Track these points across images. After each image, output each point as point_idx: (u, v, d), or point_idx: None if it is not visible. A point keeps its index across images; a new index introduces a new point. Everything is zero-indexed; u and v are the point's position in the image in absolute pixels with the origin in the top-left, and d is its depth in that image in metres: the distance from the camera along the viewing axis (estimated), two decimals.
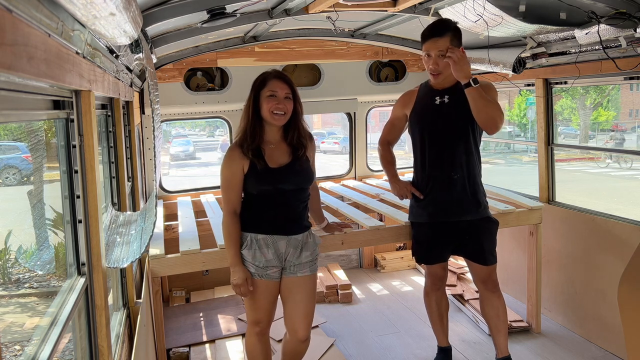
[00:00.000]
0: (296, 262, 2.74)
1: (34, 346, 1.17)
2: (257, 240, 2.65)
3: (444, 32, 2.89)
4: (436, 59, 2.93)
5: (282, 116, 2.59)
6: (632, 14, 2.75)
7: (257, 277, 2.68)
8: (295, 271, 2.75)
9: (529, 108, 24.05)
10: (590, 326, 3.74)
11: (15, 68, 0.78)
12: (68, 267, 1.49)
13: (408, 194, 3.23)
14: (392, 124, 3.34)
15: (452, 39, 2.90)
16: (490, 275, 3.22)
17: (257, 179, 2.62)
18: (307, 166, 2.73)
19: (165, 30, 3.30)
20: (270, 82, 2.59)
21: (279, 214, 2.68)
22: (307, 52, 4.87)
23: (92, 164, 1.47)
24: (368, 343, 3.91)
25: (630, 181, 17.95)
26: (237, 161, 2.63)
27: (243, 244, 2.67)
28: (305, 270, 2.77)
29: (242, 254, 2.67)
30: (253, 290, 2.69)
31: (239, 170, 2.63)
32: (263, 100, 2.58)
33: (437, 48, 2.90)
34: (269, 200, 2.66)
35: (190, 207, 4.47)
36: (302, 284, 2.77)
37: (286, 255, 2.71)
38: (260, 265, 2.67)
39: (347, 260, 5.59)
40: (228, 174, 2.66)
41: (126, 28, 1.48)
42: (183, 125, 30.65)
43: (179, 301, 4.70)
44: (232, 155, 2.66)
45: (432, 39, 2.91)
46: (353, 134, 5.46)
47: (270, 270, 2.69)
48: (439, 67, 2.94)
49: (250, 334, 2.83)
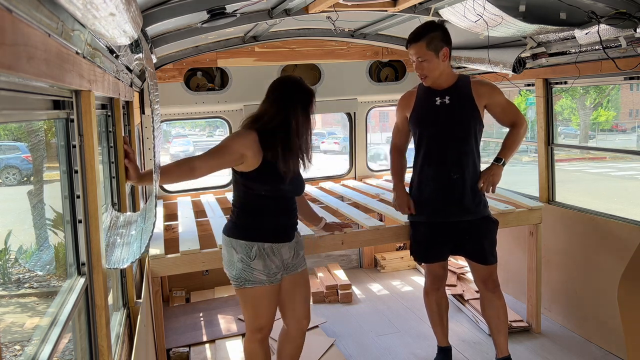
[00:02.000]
0: (295, 261, 2.80)
1: (34, 346, 1.17)
2: (264, 249, 2.63)
3: (418, 38, 2.97)
4: (418, 63, 3.01)
5: None
6: (632, 14, 2.75)
7: (268, 284, 2.65)
8: (296, 267, 2.81)
9: (529, 108, 24.03)
10: (590, 326, 3.74)
11: (15, 68, 0.78)
12: (68, 267, 1.49)
13: (405, 209, 3.25)
14: (398, 128, 3.36)
15: (428, 43, 2.95)
16: (490, 275, 3.22)
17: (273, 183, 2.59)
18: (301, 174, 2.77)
19: (165, 30, 3.30)
20: (313, 102, 2.64)
21: (284, 221, 2.71)
22: (307, 52, 4.87)
23: (92, 164, 1.47)
24: (368, 343, 3.91)
25: (630, 181, 17.94)
26: (247, 149, 2.51)
27: (251, 254, 2.62)
28: (303, 264, 2.86)
29: (251, 264, 2.62)
30: (260, 298, 2.67)
31: (237, 153, 2.52)
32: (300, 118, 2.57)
33: (414, 54, 3.00)
34: (275, 204, 2.66)
35: (190, 207, 4.46)
36: (302, 277, 2.86)
37: (288, 259, 2.75)
38: (271, 273, 2.66)
39: (347, 260, 5.59)
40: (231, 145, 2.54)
41: (126, 28, 1.48)
42: (183, 125, 30.63)
43: (179, 301, 4.70)
44: (246, 139, 2.54)
45: (409, 45, 3.01)
46: (353, 134, 5.46)
47: (278, 274, 2.71)
48: (423, 71, 3.01)
49: (252, 341, 2.77)
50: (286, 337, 2.92)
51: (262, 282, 2.64)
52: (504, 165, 3.15)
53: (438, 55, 2.96)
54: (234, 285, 2.71)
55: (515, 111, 3.19)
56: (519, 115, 3.17)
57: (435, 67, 2.98)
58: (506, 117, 3.14)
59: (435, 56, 2.96)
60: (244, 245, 2.62)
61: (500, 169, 3.13)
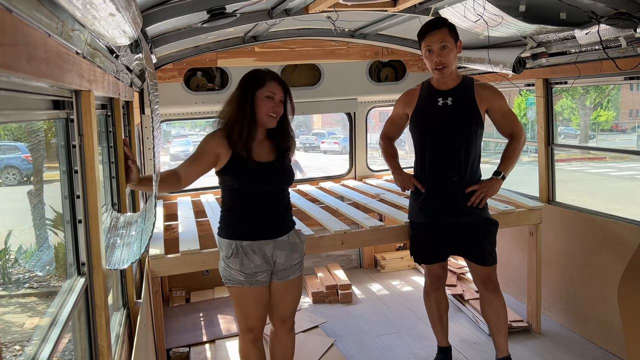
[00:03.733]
0: (287, 266, 2.71)
1: (34, 346, 1.17)
2: (242, 247, 2.61)
3: (441, 26, 2.94)
4: (439, 51, 2.92)
5: (275, 119, 2.59)
6: (632, 14, 2.75)
7: (247, 285, 2.63)
8: (288, 275, 2.73)
9: (529, 108, 24.06)
10: (590, 326, 3.74)
11: (15, 68, 0.78)
12: (68, 267, 1.49)
13: (411, 185, 3.22)
14: (392, 121, 3.34)
15: (450, 29, 2.94)
16: (489, 276, 3.22)
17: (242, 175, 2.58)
18: (289, 165, 2.74)
19: (165, 30, 3.30)
20: (268, 83, 2.56)
21: (264, 216, 2.64)
22: (307, 52, 4.87)
23: (92, 164, 1.47)
24: (368, 343, 3.91)
25: (630, 181, 17.94)
26: (218, 147, 2.56)
27: (229, 252, 2.62)
28: (296, 272, 2.77)
29: (228, 263, 2.63)
30: (243, 298, 2.66)
31: (212, 154, 2.56)
32: (260, 101, 2.54)
33: (438, 40, 2.90)
34: (250, 200, 2.62)
35: (190, 207, 4.47)
36: (294, 285, 2.79)
37: (274, 258, 2.67)
38: (249, 272, 2.62)
39: (347, 260, 5.59)
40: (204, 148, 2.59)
41: (126, 28, 1.48)
42: (183, 125, 30.65)
43: (179, 301, 4.70)
44: (215, 138, 2.59)
45: (431, 32, 2.93)
46: (353, 134, 5.46)
47: (259, 275, 2.65)
48: (445, 59, 2.93)
49: (245, 342, 2.77)
50: (275, 339, 2.89)
51: (240, 283, 2.63)
52: (504, 180, 3.14)
53: (456, 44, 2.95)
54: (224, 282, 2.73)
55: (515, 120, 3.16)
56: (518, 125, 3.15)
57: (454, 58, 2.97)
58: (506, 124, 3.13)
59: (455, 45, 2.95)
60: (225, 244, 2.65)
61: (500, 183, 3.12)
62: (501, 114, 3.10)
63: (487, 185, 3.10)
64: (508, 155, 3.14)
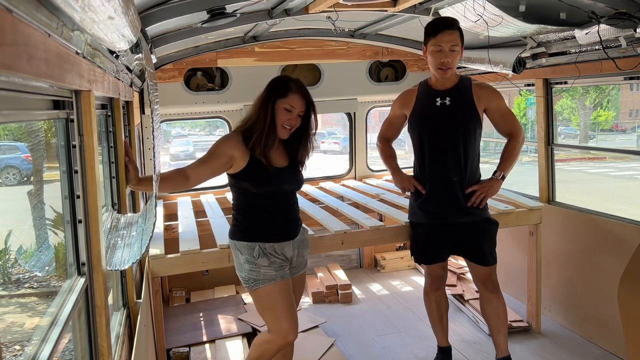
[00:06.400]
0: (298, 262, 2.78)
1: (34, 346, 1.17)
2: (265, 249, 2.62)
3: (454, 27, 2.91)
4: (448, 52, 2.90)
5: (288, 131, 2.60)
6: (632, 14, 2.75)
7: (280, 279, 2.61)
8: (298, 270, 2.80)
9: (529, 108, 24.05)
10: (590, 326, 3.74)
11: (15, 68, 0.78)
12: (68, 267, 1.49)
13: (411, 186, 3.23)
14: (390, 122, 3.34)
15: (460, 33, 2.93)
16: (489, 276, 3.22)
17: (262, 179, 2.59)
18: (300, 169, 2.78)
19: (165, 30, 3.30)
20: (291, 95, 2.55)
21: (282, 219, 2.68)
22: (307, 52, 4.87)
23: (92, 164, 1.47)
24: (368, 343, 3.91)
25: (630, 181, 17.94)
26: (233, 149, 2.56)
27: (255, 253, 2.61)
28: (304, 267, 2.85)
29: (256, 262, 2.60)
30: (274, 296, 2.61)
31: (226, 156, 2.56)
32: (279, 110, 2.55)
33: (451, 41, 2.88)
34: (270, 202, 2.64)
35: (190, 207, 4.47)
36: (301, 281, 2.86)
37: (292, 256, 2.73)
38: (278, 267, 2.62)
39: (347, 260, 5.59)
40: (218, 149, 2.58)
41: (125, 32, 1.48)
42: (183, 125, 30.63)
43: (179, 301, 4.70)
44: (231, 140, 2.59)
45: (446, 30, 2.88)
46: (353, 134, 5.46)
47: (285, 268, 2.67)
48: (452, 61, 2.92)
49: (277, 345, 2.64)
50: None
51: (272, 279, 2.60)
52: (504, 179, 3.14)
53: (462, 48, 2.95)
54: (247, 288, 2.67)
55: (513, 120, 3.17)
56: (517, 125, 3.15)
57: (458, 60, 2.97)
58: (504, 124, 3.13)
59: (461, 49, 2.95)
60: (246, 246, 2.63)
61: (500, 183, 3.12)
62: (499, 114, 3.10)
63: (487, 185, 3.10)
64: (507, 154, 3.14)
